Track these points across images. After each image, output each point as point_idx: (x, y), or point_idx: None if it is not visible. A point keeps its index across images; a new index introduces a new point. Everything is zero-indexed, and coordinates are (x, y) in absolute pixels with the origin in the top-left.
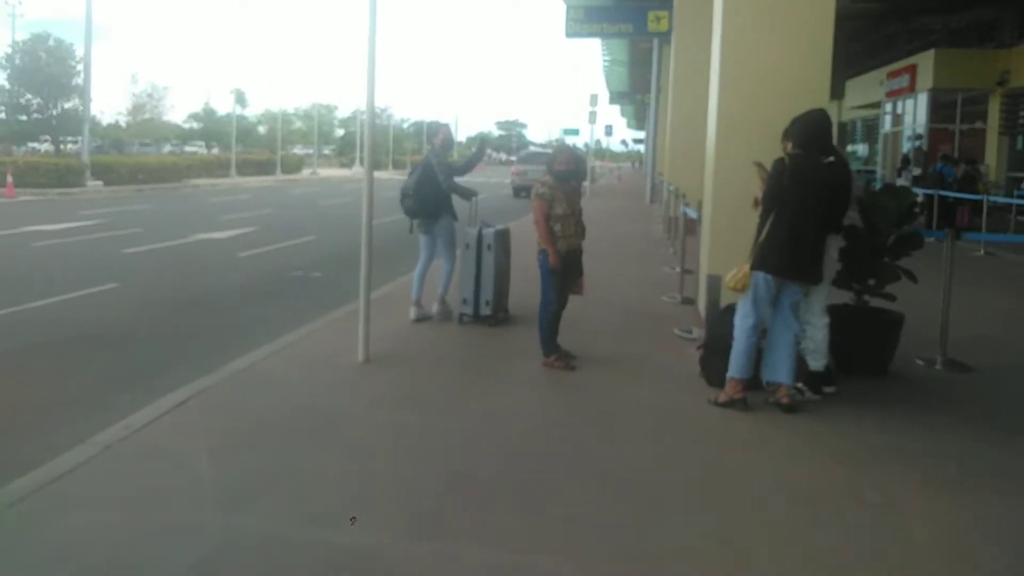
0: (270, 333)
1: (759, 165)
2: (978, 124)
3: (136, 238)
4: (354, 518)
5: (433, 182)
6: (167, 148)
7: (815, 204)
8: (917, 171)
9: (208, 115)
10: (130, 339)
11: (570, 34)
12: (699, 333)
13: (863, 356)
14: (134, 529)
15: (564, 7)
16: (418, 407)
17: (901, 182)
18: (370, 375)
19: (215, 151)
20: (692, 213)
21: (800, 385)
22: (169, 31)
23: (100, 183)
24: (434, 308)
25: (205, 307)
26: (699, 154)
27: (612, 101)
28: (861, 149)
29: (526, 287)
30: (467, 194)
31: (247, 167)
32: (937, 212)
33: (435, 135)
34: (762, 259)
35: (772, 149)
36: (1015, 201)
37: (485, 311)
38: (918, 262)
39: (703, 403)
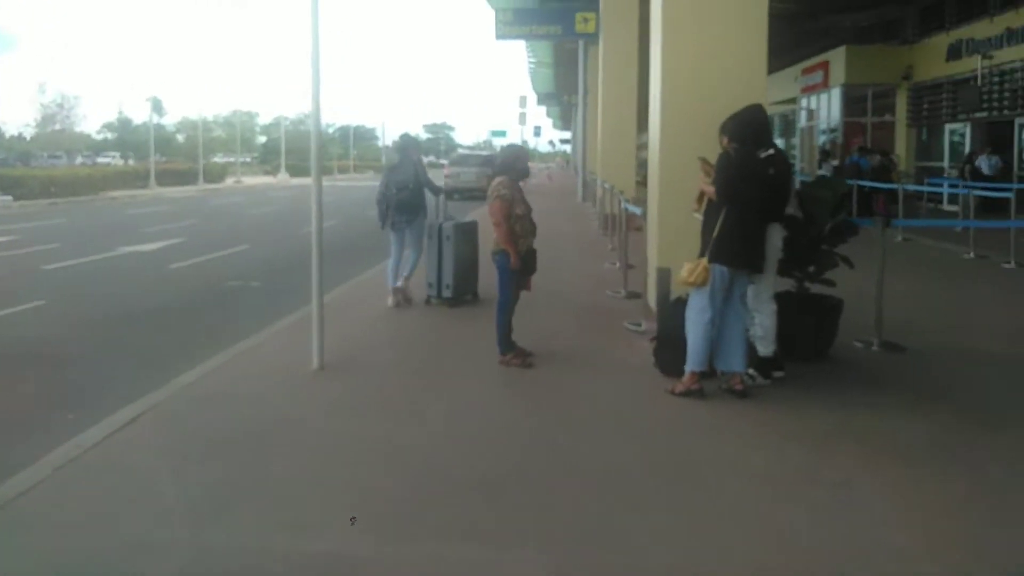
0: (215, 345)
1: (704, 160)
2: (887, 117)
3: (55, 254)
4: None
5: (417, 183)
6: (78, 160)
7: (759, 196)
8: (835, 162)
9: (123, 124)
10: (65, 357)
11: (500, 36)
12: (648, 326)
13: (805, 340)
14: (99, 549)
15: (492, 11)
16: (379, 413)
17: (822, 173)
18: (326, 383)
19: (131, 162)
20: (634, 209)
21: (751, 371)
22: (81, 40)
23: (9, 198)
24: (398, 286)
25: (141, 321)
26: (631, 151)
27: (539, 102)
28: (780, 143)
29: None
30: (437, 191)
31: (167, 177)
32: (856, 201)
33: (414, 147)
34: (718, 252)
35: (716, 145)
36: (926, 188)
37: (446, 294)
38: (848, 249)
39: (661, 393)
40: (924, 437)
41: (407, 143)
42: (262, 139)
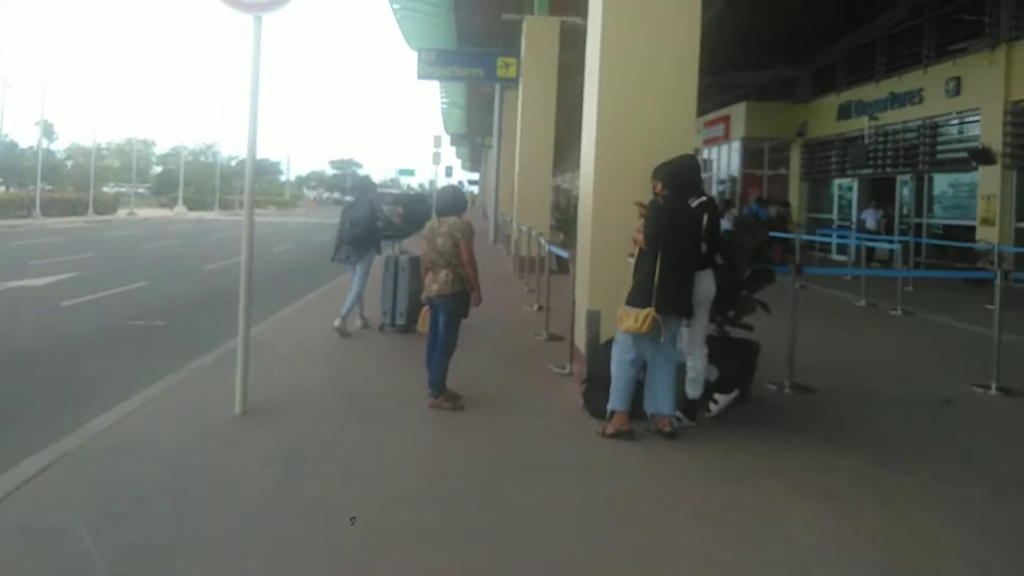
0: (123, 389)
1: (640, 204)
2: (782, 170)
3: None
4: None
5: (371, 221)
6: None
7: (688, 243)
8: (735, 212)
9: (8, 148)
10: None
11: (421, 76)
12: (576, 368)
13: (728, 382)
14: None
15: (414, 51)
16: (310, 460)
17: (725, 224)
18: (251, 428)
19: (12, 189)
20: (561, 252)
21: (678, 414)
22: None
23: None
24: (336, 323)
25: (36, 363)
26: (547, 194)
27: (452, 143)
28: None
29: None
30: (395, 228)
31: (53, 207)
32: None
33: (371, 188)
34: (657, 299)
35: (649, 189)
36: (819, 239)
37: (400, 321)
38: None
39: (592, 435)
40: (842, 474)
41: (364, 184)
42: (158, 169)
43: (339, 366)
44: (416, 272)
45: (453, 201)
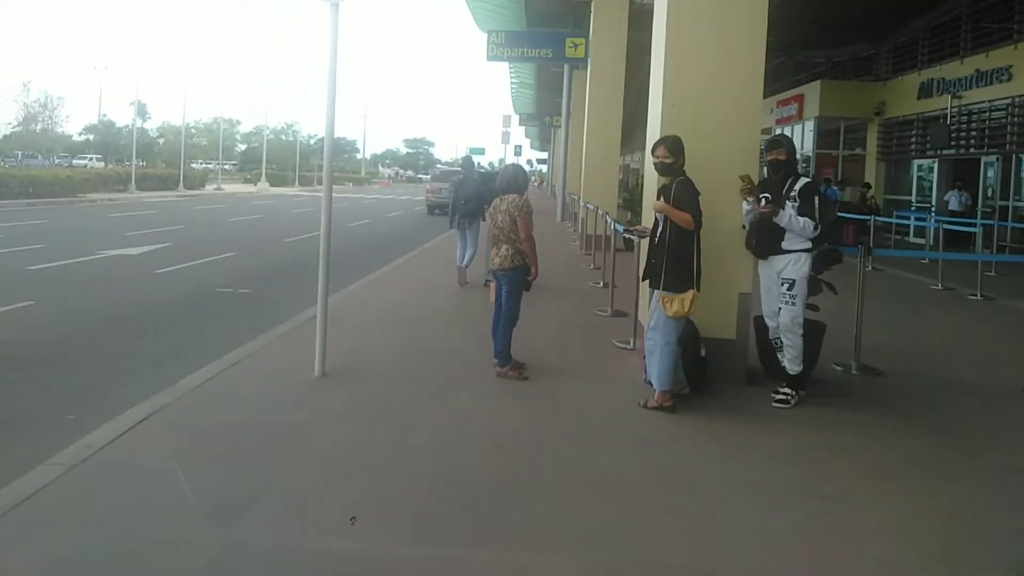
0: (211, 351)
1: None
2: (858, 150)
3: (39, 254)
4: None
5: (478, 196)
6: (55, 161)
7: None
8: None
9: (106, 127)
10: (60, 359)
11: (491, 57)
12: (637, 343)
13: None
14: (120, 548)
15: (483, 33)
16: (384, 419)
17: None
18: (329, 389)
19: (110, 165)
20: (627, 233)
21: (785, 389)
22: (66, 40)
23: None
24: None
25: (132, 325)
26: (615, 174)
27: (520, 123)
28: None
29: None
30: None
31: (147, 182)
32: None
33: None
34: (697, 277)
35: (718, 170)
36: (895, 220)
37: None
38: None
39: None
40: (908, 455)
41: (469, 164)
42: (242, 147)
43: (412, 335)
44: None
45: (514, 180)
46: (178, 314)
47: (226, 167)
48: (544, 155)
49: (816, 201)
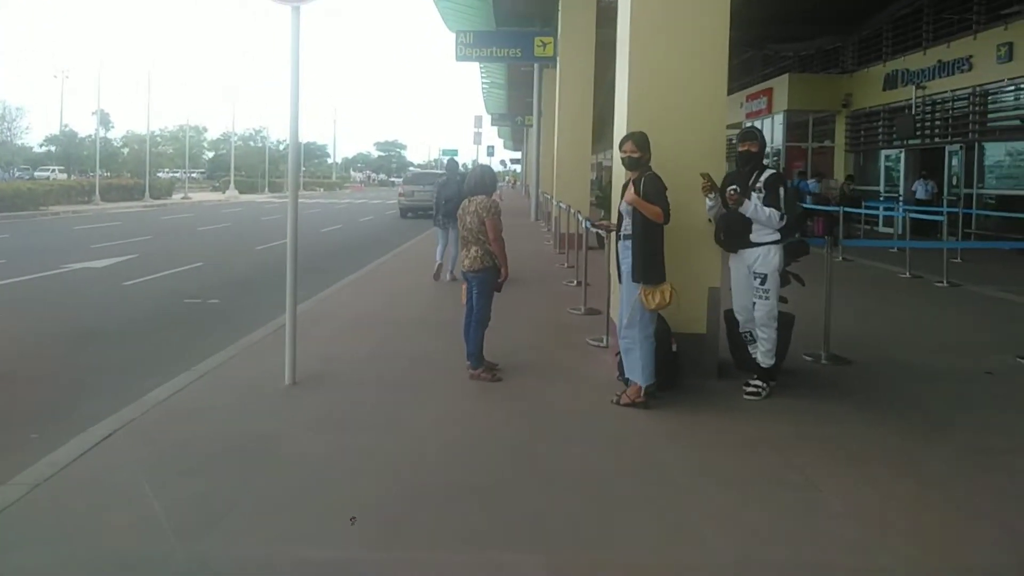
0: (181, 362)
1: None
2: (827, 142)
3: (1, 269)
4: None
5: (459, 195)
6: (15, 173)
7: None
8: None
9: (68, 138)
10: (22, 376)
11: (460, 58)
12: (609, 341)
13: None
14: (87, 566)
15: (452, 33)
16: (356, 425)
17: None
18: (301, 397)
19: (74, 177)
20: (598, 230)
21: (757, 380)
22: (19, 49)
23: None
24: (447, 276)
25: (98, 339)
26: (586, 172)
27: (492, 123)
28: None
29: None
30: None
31: (112, 192)
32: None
33: (456, 168)
34: (665, 272)
35: (682, 164)
36: (863, 211)
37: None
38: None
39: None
40: (876, 442)
41: (453, 166)
42: (209, 154)
43: (384, 339)
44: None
45: (481, 180)
46: (146, 327)
47: (193, 175)
48: (518, 155)
49: (781, 192)
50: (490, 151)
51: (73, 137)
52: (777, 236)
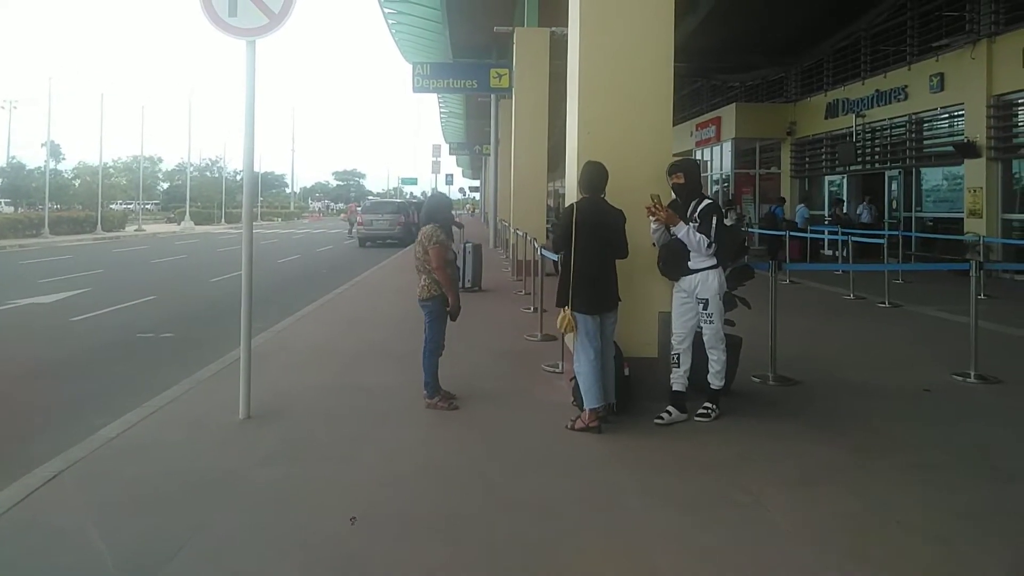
0: (132, 398)
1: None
2: (774, 169)
3: None
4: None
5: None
6: None
7: (600, 240)
8: (738, 209)
9: (15, 170)
10: None
11: (417, 89)
12: (566, 367)
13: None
14: None
15: (408, 64)
16: (312, 459)
17: (729, 221)
18: (255, 432)
19: (21, 210)
20: (551, 256)
21: (708, 404)
22: None
23: None
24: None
25: (46, 376)
26: (542, 199)
27: (451, 152)
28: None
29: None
30: (459, 225)
31: (62, 225)
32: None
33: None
34: (573, 300)
35: (630, 191)
36: (808, 235)
37: (468, 284)
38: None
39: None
40: (820, 460)
41: (434, 193)
42: (164, 185)
43: (340, 371)
44: (476, 254)
45: (428, 210)
46: (96, 363)
47: (148, 207)
48: (477, 183)
49: (713, 221)
50: (449, 180)
51: (21, 169)
52: (713, 261)
